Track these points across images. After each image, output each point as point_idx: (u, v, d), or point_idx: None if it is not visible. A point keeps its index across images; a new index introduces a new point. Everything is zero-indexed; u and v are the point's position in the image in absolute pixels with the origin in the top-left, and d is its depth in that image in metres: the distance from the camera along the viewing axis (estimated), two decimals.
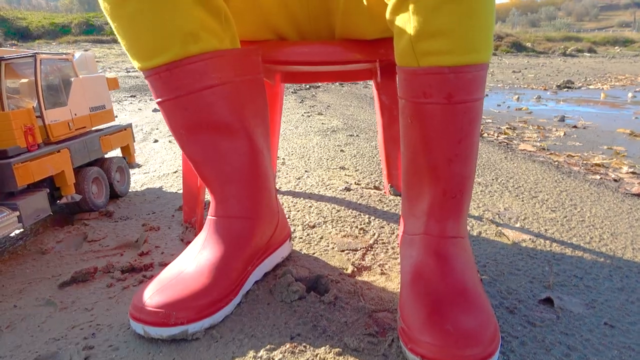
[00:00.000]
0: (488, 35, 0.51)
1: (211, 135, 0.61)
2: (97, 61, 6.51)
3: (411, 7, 0.51)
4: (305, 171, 1.36)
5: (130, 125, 1.23)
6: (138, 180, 1.31)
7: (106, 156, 1.13)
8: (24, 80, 1.00)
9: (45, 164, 0.88)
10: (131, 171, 1.41)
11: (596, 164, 1.70)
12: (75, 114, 1.01)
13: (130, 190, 1.21)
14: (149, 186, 1.25)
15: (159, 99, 0.59)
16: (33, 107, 0.96)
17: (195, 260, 0.61)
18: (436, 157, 0.57)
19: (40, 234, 0.92)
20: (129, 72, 6.24)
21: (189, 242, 0.84)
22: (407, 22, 0.52)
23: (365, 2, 0.64)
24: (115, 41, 13.34)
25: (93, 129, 1.10)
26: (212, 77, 0.58)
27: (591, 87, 5.11)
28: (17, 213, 0.80)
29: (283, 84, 1.08)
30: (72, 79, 1.02)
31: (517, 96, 4.18)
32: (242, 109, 0.62)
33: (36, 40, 13.02)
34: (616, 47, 20.53)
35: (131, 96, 3.60)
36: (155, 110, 2.81)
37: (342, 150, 1.64)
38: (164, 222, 0.96)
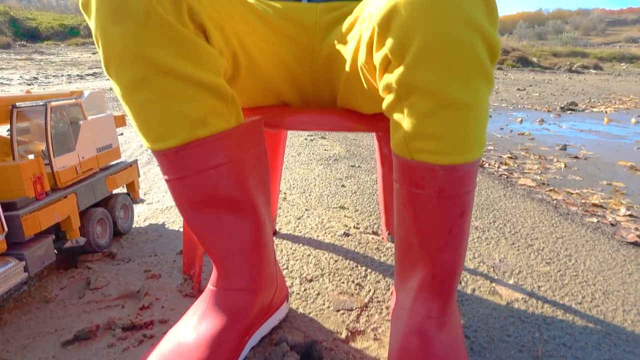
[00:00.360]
0: (481, 135, 0.54)
1: (215, 210, 0.63)
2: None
3: (406, 110, 0.53)
4: (306, 209, 1.39)
5: (135, 162, 1.25)
6: (141, 214, 1.34)
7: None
8: (34, 120, 1.02)
9: (52, 211, 0.90)
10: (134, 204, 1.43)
11: (594, 204, 1.71)
12: (83, 157, 1.04)
13: (133, 225, 1.24)
14: (152, 221, 1.28)
15: (166, 177, 0.62)
16: (42, 150, 0.99)
17: (194, 331, 0.63)
18: (427, 243, 0.60)
19: (45, 278, 0.94)
20: None
21: (187, 295, 0.87)
22: (401, 120, 0.54)
23: (365, 85, 0.66)
24: None
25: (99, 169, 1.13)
26: (219, 156, 0.60)
27: (595, 109, 5.13)
28: (24, 263, 0.82)
29: (286, 130, 1.11)
30: (81, 123, 1.04)
31: (520, 119, 4.20)
32: (246, 182, 0.64)
33: (45, 41, 13.15)
34: (622, 64, 20.54)
35: None
36: None
37: (343, 186, 1.66)
38: (165, 268, 0.98)
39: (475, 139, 0.53)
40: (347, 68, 0.69)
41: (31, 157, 0.95)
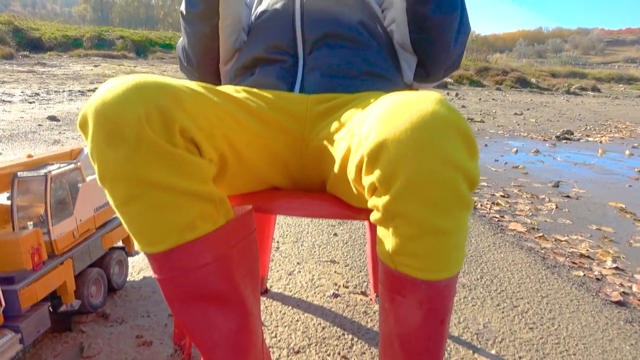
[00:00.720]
0: (460, 254, 0.57)
1: (202, 305, 0.66)
2: (106, 81, 6.61)
3: (391, 229, 0.56)
4: (297, 263, 1.42)
5: None
6: (135, 265, 1.36)
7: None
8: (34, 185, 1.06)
9: (48, 280, 0.93)
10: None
11: (582, 254, 1.75)
12: (81, 220, 1.07)
13: (127, 278, 1.26)
14: (146, 273, 1.31)
15: (155, 275, 0.65)
16: (40, 215, 1.02)
17: None
18: (407, 346, 0.63)
19: (39, 343, 0.97)
20: None
21: None
22: (387, 236, 0.58)
23: (354, 190, 0.69)
24: (125, 57, 13.57)
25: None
26: (206, 256, 0.63)
27: (590, 139, 5.18)
28: (20, 335, 0.85)
29: None
30: (80, 185, 1.08)
31: (515, 149, 4.25)
32: (233, 276, 0.67)
33: (47, 52, 13.22)
34: (620, 85, 20.71)
35: None
36: None
37: (335, 234, 1.69)
38: (156, 334, 1.01)
39: (455, 258, 0.56)
40: (336, 169, 0.72)
41: (30, 225, 0.98)
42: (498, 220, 2.12)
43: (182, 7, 0.92)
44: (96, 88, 7.03)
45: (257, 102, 0.79)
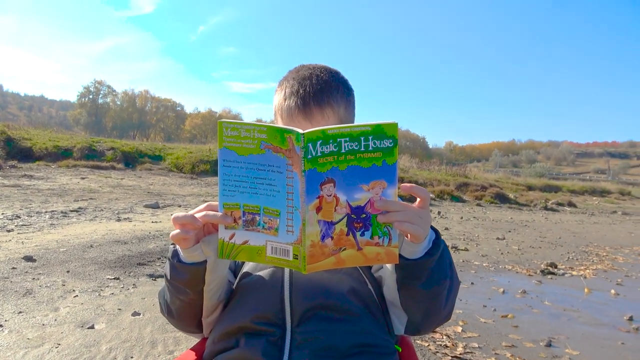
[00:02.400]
0: None
1: None
2: (90, 198, 6.42)
3: None
4: None
5: None
6: None
7: None
8: None
9: None
10: None
11: None
12: None
13: None
14: None
15: None
16: None
17: None
18: None
19: None
20: (120, 219, 6.22)
21: None
22: None
23: None
24: (114, 168, 13.71)
25: None
26: None
27: (574, 272, 5.19)
28: None
29: None
30: None
31: (502, 289, 4.20)
32: None
33: (36, 162, 13.37)
34: (594, 198, 21.50)
35: (114, 278, 3.39)
36: (135, 314, 2.69)
37: None
38: None
39: None
40: None
41: None
42: None
43: (167, 272, 0.90)
44: (79, 208, 6.94)
45: None
